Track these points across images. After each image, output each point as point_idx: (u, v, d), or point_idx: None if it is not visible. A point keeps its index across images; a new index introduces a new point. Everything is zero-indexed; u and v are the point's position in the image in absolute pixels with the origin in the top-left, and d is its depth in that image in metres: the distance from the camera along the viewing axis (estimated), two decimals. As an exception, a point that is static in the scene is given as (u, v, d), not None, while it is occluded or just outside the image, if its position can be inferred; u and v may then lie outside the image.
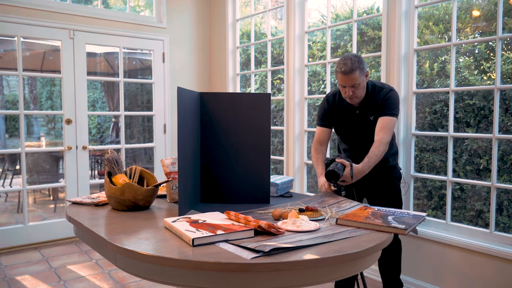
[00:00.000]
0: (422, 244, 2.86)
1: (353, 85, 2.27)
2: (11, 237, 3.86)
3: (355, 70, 2.24)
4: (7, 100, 7.74)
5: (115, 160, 1.92)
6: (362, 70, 2.28)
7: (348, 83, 2.27)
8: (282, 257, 1.19)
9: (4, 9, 3.71)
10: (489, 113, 3.07)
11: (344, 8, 4.48)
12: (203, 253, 1.23)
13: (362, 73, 2.29)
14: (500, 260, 2.48)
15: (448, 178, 2.79)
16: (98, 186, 5.59)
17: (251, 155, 1.93)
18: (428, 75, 3.42)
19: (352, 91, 2.29)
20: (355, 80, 2.25)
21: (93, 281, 3.15)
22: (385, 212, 1.66)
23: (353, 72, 2.23)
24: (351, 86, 2.27)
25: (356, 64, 2.25)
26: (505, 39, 2.85)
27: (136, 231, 1.48)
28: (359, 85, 2.28)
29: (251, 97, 1.95)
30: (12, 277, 3.22)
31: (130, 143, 6.18)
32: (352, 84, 2.26)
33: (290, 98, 3.81)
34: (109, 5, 4.86)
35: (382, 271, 2.61)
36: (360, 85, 2.30)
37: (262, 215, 1.69)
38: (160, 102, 4.60)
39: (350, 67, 2.24)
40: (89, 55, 4.31)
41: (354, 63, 2.25)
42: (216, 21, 4.80)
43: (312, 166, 4.13)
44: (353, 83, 2.26)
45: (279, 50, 4.77)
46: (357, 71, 2.24)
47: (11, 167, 6.23)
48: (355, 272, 1.35)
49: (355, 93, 2.30)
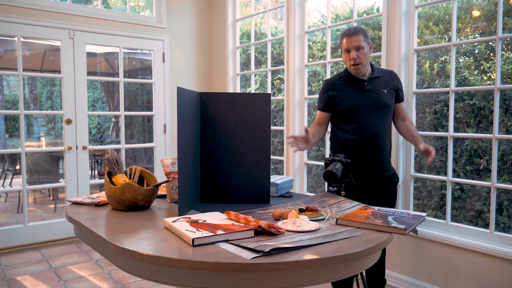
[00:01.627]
0: (422, 244, 2.86)
1: (357, 47, 2.31)
2: (11, 237, 3.86)
3: (359, 33, 2.33)
4: (7, 100, 7.74)
5: (115, 160, 1.92)
6: (366, 37, 2.36)
7: (352, 44, 2.32)
8: (282, 257, 1.19)
9: (4, 9, 3.71)
10: (489, 113, 3.07)
11: (344, 8, 4.49)
12: (203, 253, 1.23)
13: (366, 40, 2.35)
14: (500, 260, 2.48)
15: (448, 178, 2.79)
16: (98, 186, 5.59)
17: (251, 155, 1.93)
18: (428, 75, 3.42)
19: (356, 54, 2.31)
20: (359, 41, 2.31)
21: (93, 281, 3.15)
22: (385, 212, 1.66)
23: (357, 34, 2.32)
24: (355, 49, 2.31)
25: (360, 29, 2.36)
26: (505, 39, 2.85)
27: (136, 231, 1.48)
28: (363, 50, 2.32)
29: (251, 97, 1.94)
30: (12, 277, 3.22)
31: (130, 143, 6.19)
32: (356, 46, 2.31)
33: (290, 98, 3.81)
34: (109, 5, 4.86)
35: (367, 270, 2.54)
36: (364, 51, 2.33)
37: (262, 215, 1.69)
38: (160, 102, 4.60)
39: (355, 30, 2.35)
40: (89, 55, 4.31)
41: (358, 28, 2.38)
42: (216, 21, 4.80)
43: (312, 166, 4.13)
44: (357, 45, 2.31)
45: (279, 50, 4.77)
46: (360, 35, 2.32)
47: (11, 167, 6.23)
48: (355, 272, 1.35)
49: (360, 58, 2.32)
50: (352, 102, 2.38)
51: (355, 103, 2.38)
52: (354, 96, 2.39)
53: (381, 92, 2.39)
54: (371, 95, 2.37)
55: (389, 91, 2.41)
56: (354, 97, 2.39)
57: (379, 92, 2.38)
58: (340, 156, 2.10)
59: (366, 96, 2.37)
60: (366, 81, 2.38)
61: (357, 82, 2.40)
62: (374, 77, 2.40)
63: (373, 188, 2.40)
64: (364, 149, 2.36)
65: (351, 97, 2.40)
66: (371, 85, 2.39)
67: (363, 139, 2.37)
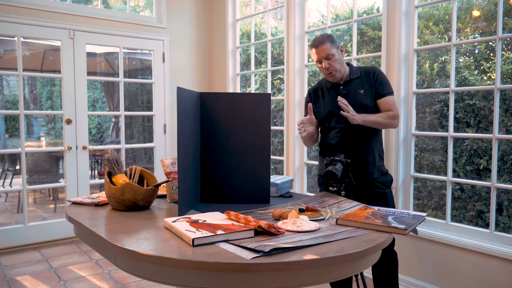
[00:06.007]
0: (422, 244, 2.86)
1: (326, 56, 2.31)
2: (11, 237, 3.86)
3: (324, 41, 2.32)
4: (7, 100, 7.74)
5: (115, 160, 1.92)
6: (333, 42, 2.34)
7: (321, 55, 2.32)
8: (282, 257, 1.19)
9: (4, 9, 3.71)
10: (489, 113, 3.07)
11: (344, 8, 4.49)
12: (203, 253, 1.23)
13: (334, 46, 2.33)
14: (500, 260, 2.48)
15: (448, 178, 2.78)
16: (98, 186, 5.60)
17: (251, 155, 1.93)
18: (428, 75, 3.42)
19: (328, 63, 2.32)
20: (327, 50, 2.31)
21: (93, 281, 3.15)
22: (385, 212, 1.66)
23: (323, 43, 2.32)
24: (325, 58, 2.31)
25: (326, 37, 2.35)
26: (505, 39, 2.85)
27: (136, 231, 1.48)
28: (333, 57, 2.32)
29: (251, 97, 1.95)
30: (12, 277, 3.22)
31: (130, 143, 6.19)
32: (325, 55, 2.31)
33: (290, 98, 3.81)
34: (109, 5, 4.86)
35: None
36: (335, 57, 2.32)
37: (262, 215, 1.69)
38: (160, 102, 4.60)
39: (321, 39, 2.34)
40: (89, 55, 4.31)
41: (323, 36, 2.36)
42: (216, 21, 4.80)
43: (312, 166, 4.13)
44: (325, 54, 2.31)
45: (279, 50, 4.77)
46: (327, 43, 2.32)
47: (11, 167, 6.23)
48: (355, 272, 1.35)
49: (332, 66, 2.32)
50: (329, 108, 2.41)
51: (331, 109, 2.40)
52: (331, 102, 2.41)
53: (357, 93, 2.37)
54: (347, 98, 2.35)
55: (366, 90, 2.38)
56: (331, 103, 2.41)
57: (356, 94, 2.37)
58: (340, 156, 2.11)
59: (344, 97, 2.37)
60: (342, 85, 2.39)
61: (333, 87, 2.42)
62: (350, 79, 2.39)
63: (359, 192, 2.34)
64: (346, 153, 2.31)
65: (328, 103, 2.43)
66: (346, 88, 2.39)
67: (344, 144, 2.36)
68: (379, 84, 2.38)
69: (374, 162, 2.38)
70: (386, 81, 2.41)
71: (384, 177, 2.41)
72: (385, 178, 2.42)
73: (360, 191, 2.34)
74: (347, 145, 2.36)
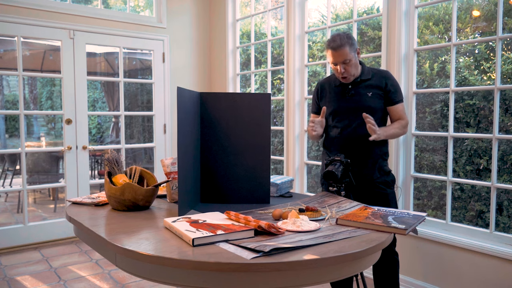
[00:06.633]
0: (422, 244, 2.86)
1: (344, 61, 2.25)
2: (11, 237, 3.86)
3: (344, 45, 2.23)
4: (7, 100, 7.75)
5: (115, 160, 1.92)
6: (352, 46, 2.27)
7: (337, 59, 2.26)
8: (282, 257, 1.19)
9: (4, 9, 3.71)
10: (489, 113, 3.07)
11: (344, 8, 4.49)
12: (203, 253, 1.23)
13: (352, 49, 2.27)
14: (500, 260, 2.48)
15: (448, 178, 2.78)
16: (98, 186, 5.60)
17: (251, 155, 1.93)
18: (428, 75, 3.42)
19: (344, 68, 2.27)
20: (345, 55, 2.24)
21: (93, 281, 3.15)
22: (385, 212, 1.66)
23: (342, 47, 2.23)
24: (342, 62, 2.26)
25: (345, 39, 2.25)
26: (505, 39, 2.85)
27: (136, 231, 1.48)
28: (350, 62, 2.26)
29: (251, 97, 1.94)
30: (12, 277, 3.22)
31: (130, 143, 6.19)
32: (342, 60, 2.25)
33: (290, 98, 3.81)
34: (109, 5, 4.86)
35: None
36: (351, 62, 2.27)
37: (262, 215, 1.69)
38: (160, 102, 4.60)
39: (340, 42, 2.24)
40: (89, 55, 4.31)
41: (343, 38, 2.25)
42: (216, 21, 4.80)
43: (312, 166, 4.13)
44: (342, 59, 2.25)
45: (279, 50, 4.77)
46: (346, 47, 2.24)
47: (11, 167, 6.23)
48: (355, 272, 1.35)
49: (348, 70, 2.28)
50: (334, 106, 2.39)
51: (337, 107, 2.38)
52: (337, 100, 2.39)
53: (365, 95, 2.35)
54: (355, 98, 2.34)
55: (375, 94, 2.34)
56: (337, 101, 2.39)
57: (363, 95, 2.35)
58: (340, 156, 2.11)
59: (349, 100, 2.36)
60: (350, 84, 2.36)
61: (342, 85, 2.40)
62: (360, 80, 2.35)
63: (360, 192, 2.34)
64: (346, 153, 2.31)
65: (334, 101, 2.41)
66: (355, 89, 2.36)
67: (345, 143, 2.36)
68: (392, 92, 2.36)
69: (374, 162, 2.37)
70: (398, 88, 2.39)
71: (386, 177, 2.40)
72: (387, 178, 2.40)
73: (361, 191, 2.34)
74: (347, 145, 2.36)
